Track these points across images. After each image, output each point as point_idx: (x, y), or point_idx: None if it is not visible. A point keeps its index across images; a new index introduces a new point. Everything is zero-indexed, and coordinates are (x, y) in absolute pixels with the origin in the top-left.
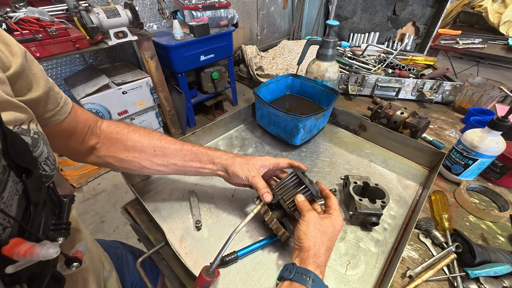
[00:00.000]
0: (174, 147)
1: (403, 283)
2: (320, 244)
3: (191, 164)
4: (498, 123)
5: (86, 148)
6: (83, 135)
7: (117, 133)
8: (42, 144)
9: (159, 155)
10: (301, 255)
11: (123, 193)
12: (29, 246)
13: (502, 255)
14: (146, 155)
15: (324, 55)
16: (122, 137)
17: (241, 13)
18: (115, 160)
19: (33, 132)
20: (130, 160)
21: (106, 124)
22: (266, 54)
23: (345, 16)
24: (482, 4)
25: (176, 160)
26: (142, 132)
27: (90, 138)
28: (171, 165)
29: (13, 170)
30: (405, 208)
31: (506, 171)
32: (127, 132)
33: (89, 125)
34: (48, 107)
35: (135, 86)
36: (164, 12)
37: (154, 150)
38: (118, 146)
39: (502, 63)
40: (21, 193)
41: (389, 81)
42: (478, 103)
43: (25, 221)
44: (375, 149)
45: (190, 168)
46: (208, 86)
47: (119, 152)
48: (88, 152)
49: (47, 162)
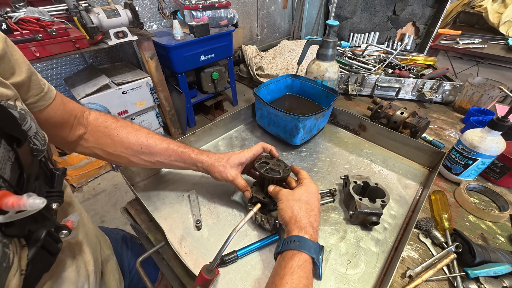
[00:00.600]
0: (160, 147)
1: (403, 283)
2: (298, 210)
3: (176, 163)
4: (498, 123)
5: (74, 138)
6: (70, 124)
7: (105, 127)
8: (29, 120)
9: (145, 153)
10: (286, 229)
11: (123, 193)
12: (16, 197)
13: (502, 255)
14: (133, 152)
15: (324, 55)
16: (110, 132)
17: (241, 13)
18: (103, 152)
19: (19, 108)
20: (118, 155)
21: (93, 115)
22: (266, 54)
23: (345, 16)
24: (482, 4)
25: (162, 159)
26: (129, 129)
27: (77, 127)
28: (157, 162)
29: (3, 138)
30: (406, 207)
31: (506, 171)
32: (114, 128)
33: (75, 114)
34: (32, 92)
35: (135, 86)
36: (164, 12)
37: (141, 147)
38: (105, 140)
39: (502, 63)
40: (14, 160)
41: (389, 81)
42: (478, 103)
43: (19, 188)
44: (375, 149)
45: (175, 167)
46: (208, 86)
47: (107, 146)
48: (76, 142)
49: (37, 137)
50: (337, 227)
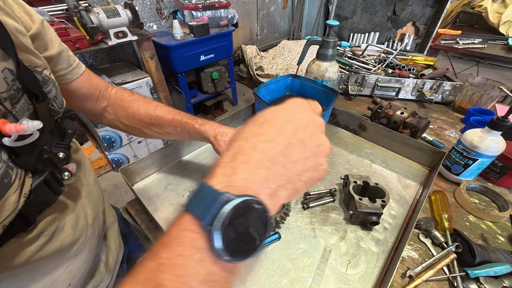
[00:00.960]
0: (167, 118)
1: (403, 283)
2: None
3: (182, 135)
4: (498, 123)
5: (99, 110)
6: (95, 97)
7: (121, 100)
8: (51, 86)
9: (155, 124)
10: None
11: (123, 193)
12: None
13: (502, 255)
14: (144, 123)
15: (324, 55)
16: (124, 104)
17: (241, 13)
18: (122, 125)
19: (44, 75)
20: (133, 126)
21: (115, 90)
22: (266, 54)
23: (345, 16)
24: (482, 4)
25: (170, 130)
26: (141, 102)
27: (101, 101)
28: (166, 134)
29: (26, 93)
30: (406, 207)
31: (506, 171)
32: (128, 101)
33: (100, 88)
34: (61, 66)
35: (135, 86)
36: (162, 12)
37: (150, 119)
38: (121, 112)
39: (502, 63)
40: (31, 112)
41: (389, 81)
42: (478, 103)
43: None
44: (375, 149)
45: (183, 137)
46: (208, 86)
47: (123, 118)
48: (101, 114)
49: (55, 100)
50: (337, 227)
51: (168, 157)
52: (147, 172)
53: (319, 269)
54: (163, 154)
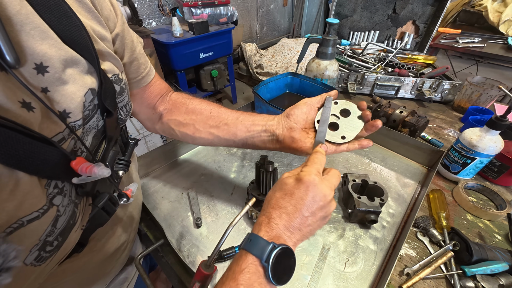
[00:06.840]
0: (230, 112)
1: (400, 281)
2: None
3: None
4: (496, 122)
5: (156, 114)
6: (154, 102)
7: (182, 97)
8: (126, 93)
9: (213, 117)
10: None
11: None
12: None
13: (498, 253)
14: (202, 117)
15: (323, 53)
16: (186, 101)
17: (241, 10)
18: (175, 123)
19: (123, 83)
20: (187, 123)
21: (175, 94)
22: (265, 52)
23: (345, 14)
24: (482, 3)
25: (228, 120)
26: (203, 100)
27: (160, 105)
28: (222, 125)
29: (100, 109)
30: (404, 206)
31: (504, 170)
32: (190, 98)
33: (161, 94)
34: (129, 76)
35: None
36: (164, 9)
37: (211, 112)
38: (180, 109)
39: (502, 63)
40: (99, 128)
41: (389, 80)
42: (477, 102)
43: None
44: (374, 148)
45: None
46: (208, 84)
47: (180, 115)
48: (157, 119)
49: (123, 109)
50: (336, 225)
51: (167, 155)
52: (146, 169)
53: (317, 267)
54: (162, 152)
